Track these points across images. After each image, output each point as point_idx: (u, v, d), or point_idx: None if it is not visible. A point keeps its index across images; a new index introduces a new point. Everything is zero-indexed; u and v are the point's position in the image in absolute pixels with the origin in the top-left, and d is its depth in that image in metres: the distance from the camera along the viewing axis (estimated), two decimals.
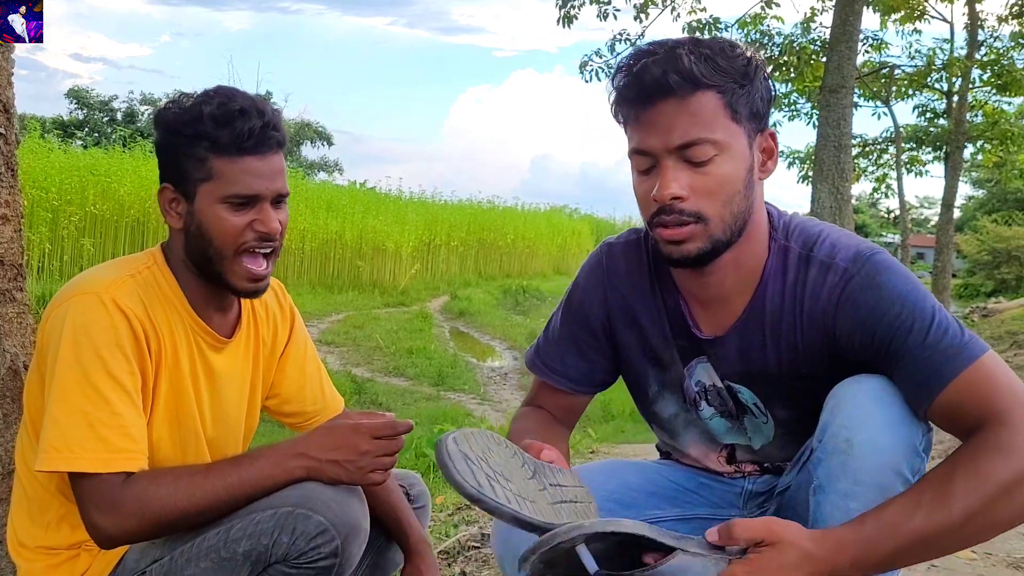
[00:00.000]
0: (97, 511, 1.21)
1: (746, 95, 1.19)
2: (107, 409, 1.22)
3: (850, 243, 1.25)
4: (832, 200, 7.38)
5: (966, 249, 26.37)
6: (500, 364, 11.65)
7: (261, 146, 1.32)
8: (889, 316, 1.16)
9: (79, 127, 28.76)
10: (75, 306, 1.25)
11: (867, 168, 15.32)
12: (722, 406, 1.39)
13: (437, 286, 18.99)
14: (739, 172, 1.20)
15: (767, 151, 1.24)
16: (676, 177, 1.18)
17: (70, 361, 1.22)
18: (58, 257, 12.27)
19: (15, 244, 1.56)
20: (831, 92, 7.51)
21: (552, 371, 1.47)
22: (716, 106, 1.17)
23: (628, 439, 6.34)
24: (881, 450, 1.13)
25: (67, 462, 1.20)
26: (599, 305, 1.42)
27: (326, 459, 1.27)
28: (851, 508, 1.13)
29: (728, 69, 1.18)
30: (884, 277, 1.19)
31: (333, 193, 18.81)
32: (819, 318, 1.23)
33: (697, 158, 1.18)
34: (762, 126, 1.23)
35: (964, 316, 15.47)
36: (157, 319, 1.32)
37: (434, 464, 4.02)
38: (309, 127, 32.32)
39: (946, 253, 13.16)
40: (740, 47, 1.21)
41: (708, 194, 1.18)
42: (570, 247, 27.87)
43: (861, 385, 1.17)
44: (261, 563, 1.24)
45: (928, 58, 12.51)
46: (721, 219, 1.20)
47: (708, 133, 1.17)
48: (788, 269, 1.26)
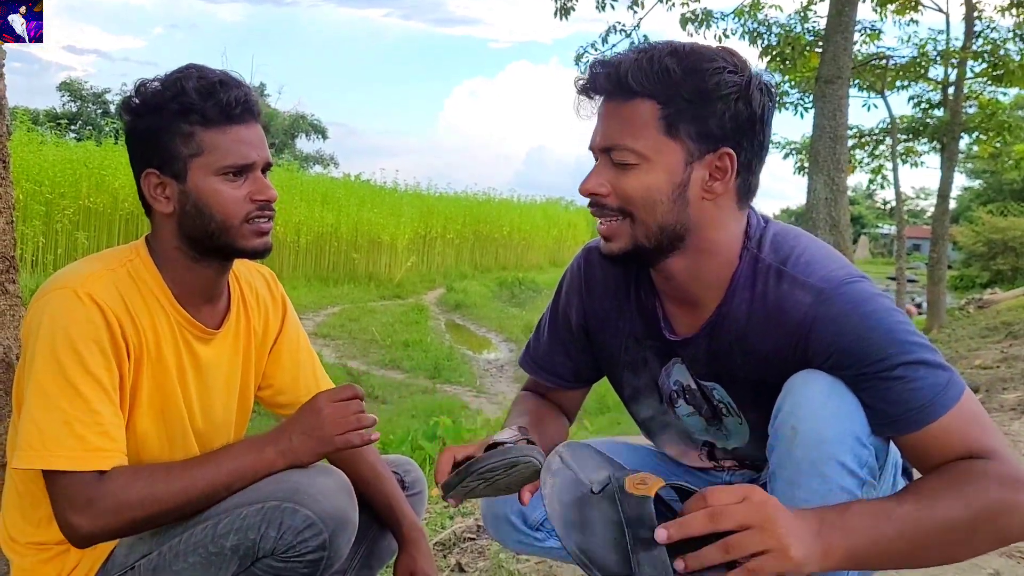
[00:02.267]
0: (71, 509, 1.19)
1: (694, 113, 1.15)
2: (84, 407, 1.20)
3: (830, 264, 1.20)
4: (828, 191, 7.38)
5: (962, 240, 26.41)
6: (496, 356, 11.67)
7: (246, 114, 1.32)
8: (869, 350, 1.12)
9: (72, 120, 28.66)
10: (52, 301, 1.24)
11: (863, 159, 15.32)
12: (699, 407, 1.39)
13: (433, 279, 19.00)
14: (660, 185, 1.18)
15: (719, 170, 1.18)
16: (599, 173, 1.21)
17: (47, 357, 1.21)
18: (52, 251, 12.23)
19: (7, 236, 1.55)
20: (827, 83, 7.50)
21: (542, 369, 1.52)
22: (648, 116, 1.16)
23: (624, 431, 6.35)
24: (824, 441, 1.13)
25: (43, 460, 1.20)
26: (576, 309, 1.45)
27: (296, 435, 1.28)
28: (797, 496, 1.14)
29: (676, 83, 1.15)
30: (868, 307, 1.14)
31: (328, 186, 18.77)
32: (790, 334, 1.19)
33: (617, 161, 1.19)
34: (716, 142, 1.17)
35: (960, 307, 15.52)
36: (138, 312, 1.30)
37: (430, 457, 4.03)
38: (304, 120, 32.24)
39: (942, 244, 13.15)
40: (722, 64, 1.16)
41: (626, 198, 1.20)
42: (566, 239, 27.88)
43: (814, 376, 1.17)
44: (249, 557, 1.24)
45: (920, 48, 12.49)
46: (642, 224, 1.20)
47: (630, 141, 1.17)
48: (756, 280, 1.23)
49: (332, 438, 1.28)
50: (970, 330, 9.96)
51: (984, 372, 5.57)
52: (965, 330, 10.12)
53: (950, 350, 7.36)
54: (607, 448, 1.57)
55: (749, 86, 1.17)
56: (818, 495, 1.13)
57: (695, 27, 9.30)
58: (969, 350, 7.37)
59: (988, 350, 6.98)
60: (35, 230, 11.50)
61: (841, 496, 1.13)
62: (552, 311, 1.50)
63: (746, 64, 1.19)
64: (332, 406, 1.30)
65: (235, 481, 1.25)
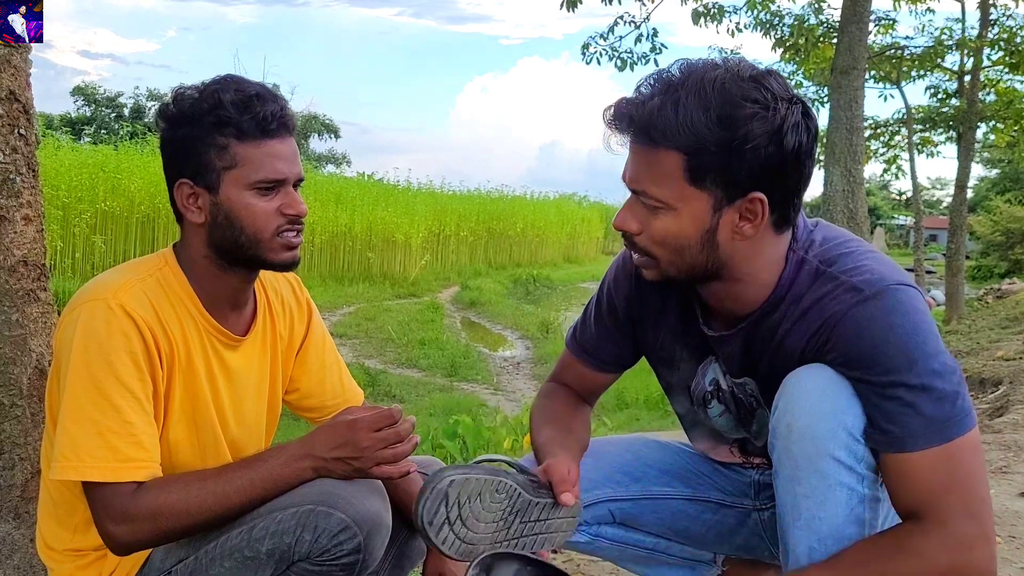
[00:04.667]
0: (110, 520, 1.21)
1: (721, 164, 1.11)
2: (117, 418, 1.21)
3: (876, 267, 1.17)
4: (844, 183, 7.33)
5: (979, 230, 26.19)
6: (512, 353, 11.67)
7: (282, 129, 1.32)
8: (878, 361, 1.11)
9: (87, 124, 28.86)
10: (84, 313, 1.25)
11: (878, 150, 15.20)
12: (731, 406, 1.40)
13: (447, 276, 19.03)
14: (687, 232, 1.16)
15: (750, 212, 1.15)
16: (632, 210, 1.20)
17: (80, 369, 1.22)
18: (70, 255, 12.34)
19: (38, 244, 1.57)
20: (842, 74, 7.44)
21: (587, 353, 1.53)
22: (674, 167, 1.12)
23: (643, 427, 6.34)
24: (817, 437, 1.13)
25: (77, 471, 1.21)
26: (623, 300, 1.45)
27: (331, 458, 1.27)
28: (797, 492, 1.16)
29: (703, 133, 1.09)
30: (897, 319, 1.11)
31: (342, 185, 18.82)
32: (821, 328, 1.18)
33: (645, 203, 1.17)
34: (744, 189, 1.13)
35: (978, 298, 15.38)
36: (168, 322, 1.31)
37: (450, 455, 4.04)
38: (316, 120, 32.34)
39: (960, 235, 13.03)
40: (752, 108, 1.09)
41: (653, 241, 1.19)
42: (580, 235, 27.85)
43: (807, 372, 1.17)
44: (285, 561, 1.25)
45: (936, 39, 12.38)
46: (672, 264, 1.20)
47: (655, 189, 1.15)
48: (803, 281, 1.22)
49: (371, 469, 1.28)
50: (990, 321, 9.86)
51: (1007, 364, 5.51)
52: (985, 321, 10.02)
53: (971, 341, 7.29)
54: (638, 447, 1.59)
55: (782, 129, 1.11)
56: (818, 491, 1.15)
57: (707, 21, 9.23)
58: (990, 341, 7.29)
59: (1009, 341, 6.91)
60: (53, 234, 11.60)
61: (840, 492, 1.14)
62: (598, 299, 1.50)
63: (781, 96, 1.12)
64: (372, 438, 1.27)
65: (268, 493, 1.26)
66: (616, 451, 1.55)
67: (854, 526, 1.15)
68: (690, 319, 1.36)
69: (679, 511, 1.53)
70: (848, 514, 1.15)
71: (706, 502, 1.53)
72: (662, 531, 1.55)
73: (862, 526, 1.16)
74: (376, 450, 1.27)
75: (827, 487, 1.14)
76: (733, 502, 1.54)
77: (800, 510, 1.17)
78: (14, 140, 1.52)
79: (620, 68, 9.47)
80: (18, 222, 1.52)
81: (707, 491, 1.54)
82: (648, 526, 1.53)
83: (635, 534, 1.54)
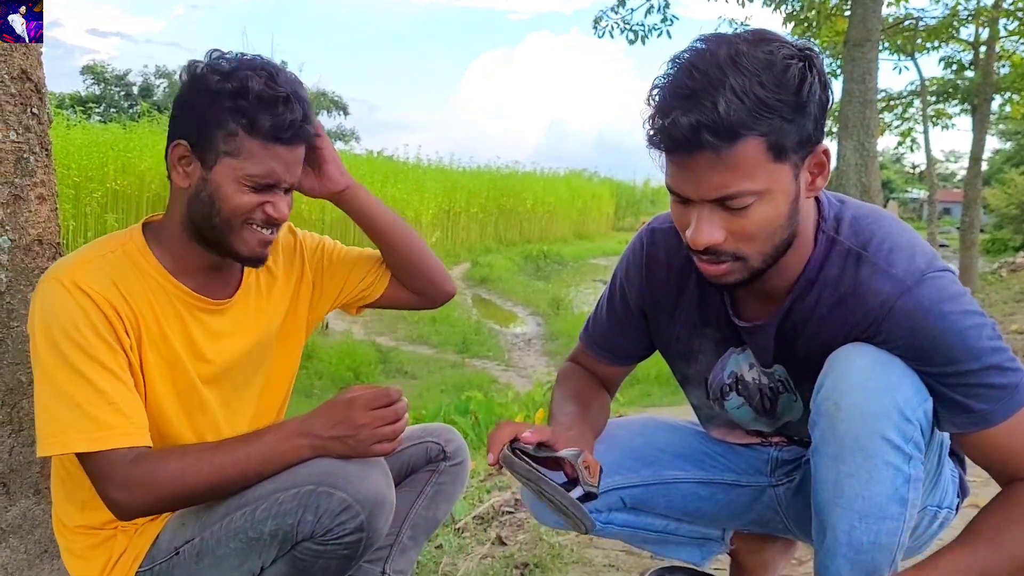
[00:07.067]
0: (112, 487, 1.23)
1: (795, 127, 1.08)
2: (89, 388, 1.23)
3: (914, 253, 1.17)
4: (858, 156, 7.26)
5: (994, 203, 25.93)
6: (523, 330, 11.69)
7: (295, 139, 1.31)
8: (941, 353, 1.13)
9: (96, 102, 28.89)
10: (41, 293, 1.27)
11: (892, 123, 15.04)
12: (751, 398, 1.39)
13: (458, 253, 19.03)
14: (781, 209, 1.12)
15: (818, 167, 1.14)
16: (711, 221, 1.12)
17: (46, 347, 1.24)
18: (83, 234, 12.39)
19: (52, 223, 1.58)
20: (855, 46, 7.34)
21: (600, 347, 1.53)
22: (757, 152, 1.07)
23: (654, 402, 6.36)
24: (867, 416, 1.12)
25: (64, 444, 1.23)
26: (637, 291, 1.43)
27: (328, 436, 1.28)
28: (842, 471, 1.15)
29: (775, 105, 1.05)
30: (945, 307, 1.12)
31: (351, 163, 18.77)
32: (863, 319, 1.18)
33: (735, 207, 1.10)
34: (813, 144, 1.12)
35: (992, 271, 15.28)
36: (132, 294, 1.31)
37: (463, 432, 4.06)
38: (325, 96, 32.25)
39: (974, 208, 12.90)
40: (789, 56, 1.07)
41: (747, 237, 1.13)
42: (590, 211, 27.75)
43: (857, 349, 1.16)
44: (289, 541, 1.26)
45: (952, 9, 12.19)
46: (761, 255, 1.16)
47: (748, 184, 1.08)
48: (834, 263, 1.20)
49: (368, 447, 1.29)
50: (1004, 294, 9.80)
51: (1021, 337, 5.49)
52: (999, 295, 9.96)
53: None
54: (650, 431, 1.57)
55: (822, 71, 1.10)
56: (863, 470, 1.13)
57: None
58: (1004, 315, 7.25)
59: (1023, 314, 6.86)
60: (65, 214, 11.65)
61: (887, 472, 1.13)
62: (611, 289, 1.49)
63: (794, 43, 1.10)
64: (368, 416, 1.29)
65: (265, 468, 1.27)
66: (627, 435, 1.55)
67: (897, 505, 1.15)
68: (711, 311, 1.34)
69: (691, 493, 1.53)
70: (892, 493, 1.14)
71: (719, 484, 1.53)
72: (673, 513, 1.55)
73: (904, 506, 1.15)
74: (372, 428, 1.28)
75: (874, 467, 1.13)
76: (748, 481, 1.53)
77: (843, 488, 1.15)
78: (27, 119, 1.52)
79: (631, 41, 9.40)
80: (32, 201, 1.53)
81: (720, 472, 1.53)
82: (659, 509, 1.54)
83: (646, 518, 1.54)
